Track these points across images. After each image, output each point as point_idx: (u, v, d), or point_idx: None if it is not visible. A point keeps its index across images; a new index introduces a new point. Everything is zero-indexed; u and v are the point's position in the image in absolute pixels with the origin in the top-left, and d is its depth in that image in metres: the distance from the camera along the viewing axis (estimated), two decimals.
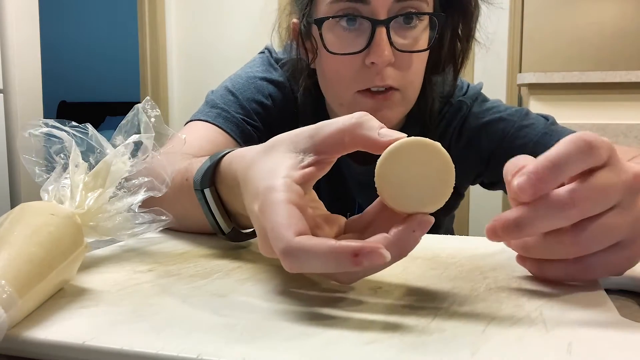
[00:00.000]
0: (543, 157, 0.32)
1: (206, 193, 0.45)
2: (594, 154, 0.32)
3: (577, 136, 0.32)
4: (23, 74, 1.69)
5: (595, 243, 0.34)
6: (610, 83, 1.91)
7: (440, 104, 0.79)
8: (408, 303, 0.32)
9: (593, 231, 0.33)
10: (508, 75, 2.30)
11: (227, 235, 0.46)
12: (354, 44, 0.65)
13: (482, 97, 0.81)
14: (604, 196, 0.33)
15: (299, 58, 0.74)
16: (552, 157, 0.32)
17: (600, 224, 0.33)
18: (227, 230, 0.46)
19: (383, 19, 0.63)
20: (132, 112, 0.44)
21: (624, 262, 0.35)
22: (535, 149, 0.74)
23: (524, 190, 0.31)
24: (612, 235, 0.34)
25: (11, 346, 0.27)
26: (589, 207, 0.32)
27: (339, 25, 0.66)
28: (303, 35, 0.70)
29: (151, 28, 2.77)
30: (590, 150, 0.32)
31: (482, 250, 0.46)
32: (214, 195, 0.45)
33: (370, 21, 0.63)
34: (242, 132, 0.74)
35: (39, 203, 0.35)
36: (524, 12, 2.29)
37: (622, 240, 0.34)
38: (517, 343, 0.26)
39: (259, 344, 0.26)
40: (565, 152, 0.32)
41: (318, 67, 0.72)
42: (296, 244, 0.29)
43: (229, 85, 0.78)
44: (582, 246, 0.34)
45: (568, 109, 1.97)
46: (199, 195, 0.46)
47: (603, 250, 0.34)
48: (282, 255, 0.29)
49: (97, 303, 0.32)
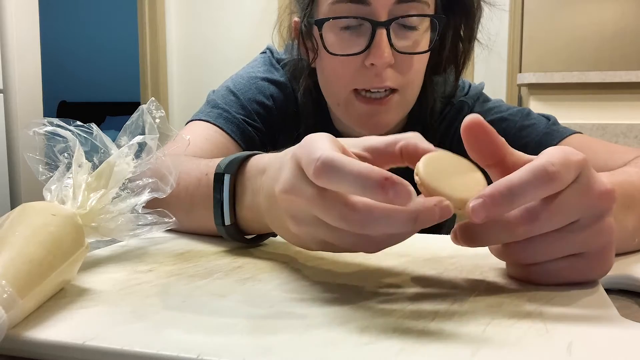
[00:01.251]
0: (502, 182, 0.32)
1: (225, 179, 0.45)
2: (553, 185, 0.32)
3: (539, 165, 0.32)
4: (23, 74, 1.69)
5: (541, 255, 0.34)
6: (610, 83, 1.91)
7: (441, 105, 0.79)
8: (408, 303, 0.32)
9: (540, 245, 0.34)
10: (508, 75, 2.30)
11: (226, 229, 0.46)
12: (354, 45, 0.65)
13: (483, 97, 0.81)
14: (560, 217, 0.33)
15: (299, 57, 0.74)
16: (510, 184, 0.32)
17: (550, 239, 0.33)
18: (228, 222, 0.45)
19: (384, 20, 0.63)
20: (136, 113, 0.44)
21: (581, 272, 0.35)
22: (537, 149, 0.73)
23: (477, 214, 0.31)
24: (561, 249, 0.34)
25: (12, 346, 0.27)
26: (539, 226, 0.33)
27: (340, 26, 0.66)
28: (304, 34, 0.70)
29: (151, 28, 2.77)
30: (550, 182, 0.32)
31: (482, 250, 0.46)
32: (231, 184, 0.45)
33: (371, 23, 0.63)
34: (243, 133, 0.74)
35: (40, 203, 0.35)
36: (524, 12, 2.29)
37: (579, 253, 0.34)
38: (517, 343, 0.26)
39: (259, 344, 0.26)
40: (524, 180, 0.32)
41: (318, 67, 0.73)
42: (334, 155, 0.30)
43: (231, 85, 0.78)
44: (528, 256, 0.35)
45: (568, 109, 1.98)
46: (217, 179, 0.46)
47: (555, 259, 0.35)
48: (316, 166, 0.30)
49: (97, 303, 0.32)
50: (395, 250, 0.45)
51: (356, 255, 0.44)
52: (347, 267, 0.40)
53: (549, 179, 0.32)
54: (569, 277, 0.35)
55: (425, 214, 0.30)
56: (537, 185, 0.32)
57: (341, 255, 0.44)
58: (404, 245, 0.47)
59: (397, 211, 0.30)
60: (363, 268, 0.40)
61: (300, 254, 0.45)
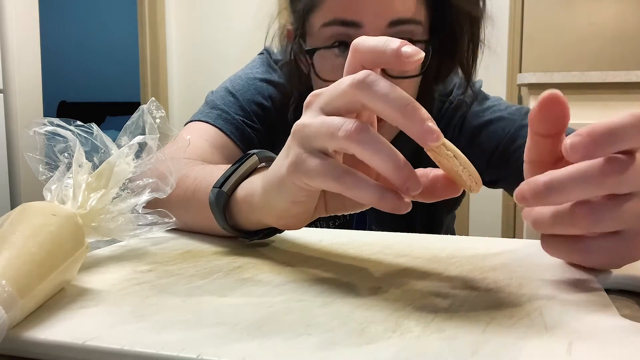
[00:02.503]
0: (600, 123, 0.31)
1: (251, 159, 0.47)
2: None
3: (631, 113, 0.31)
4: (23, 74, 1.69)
5: (603, 223, 0.33)
6: (610, 83, 1.91)
7: (439, 103, 0.79)
8: (408, 303, 0.32)
9: (607, 210, 0.33)
10: (508, 75, 2.30)
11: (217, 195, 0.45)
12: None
13: (482, 95, 0.81)
14: (635, 178, 0.32)
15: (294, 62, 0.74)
16: (610, 124, 0.31)
17: (615, 206, 0.33)
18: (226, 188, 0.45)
19: None
20: (137, 113, 0.44)
21: (621, 253, 0.35)
22: None
23: (576, 150, 0.30)
24: (620, 220, 0.33)
25: (12, 346, 0.27)
26: (620, 183, 0.32)
27: (331, 51, 0.65)
28: (296, 52, 0.70)
29: (151, 28, 2.77)
30: None
31: (482, 250, 0.46)
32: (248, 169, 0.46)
33: None
34: (242, 134, 0.74)
35: (40, 203, 0.35)
36: (524, 12, 2.29)
37: (624, 230, 0.34)
38: (517, 343, 0.26)
39: (259, 344, 0.26)
40: (625, 122, 0.31)
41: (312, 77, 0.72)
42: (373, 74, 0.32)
43: (229, 86, 0.79)
44: (590, 222, 0.33)
45: None
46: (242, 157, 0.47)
47: (603, 235, 0.34)
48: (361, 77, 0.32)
49: (97, 303, 0.32)
50: (395, 250, 0.46)
51: (356, 255, 0.44)
52: (347, 268, 0.40)
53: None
54: (609, 257, 0.35)
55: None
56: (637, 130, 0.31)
57: (341, 256, 0.44)
58: (404, 245, 0.47)
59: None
60: (363, 268, 0.40)
61: (300, 254, 0.45)
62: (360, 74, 0.32)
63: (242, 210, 0.45)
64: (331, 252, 0.45)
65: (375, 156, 0.32)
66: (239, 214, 0.45)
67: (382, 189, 0.32)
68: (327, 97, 0.35)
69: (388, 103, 0.31)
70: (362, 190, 0.33)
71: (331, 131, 0.33)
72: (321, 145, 0.34)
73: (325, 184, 0.34)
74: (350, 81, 0.33)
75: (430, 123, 0.31)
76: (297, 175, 0.35)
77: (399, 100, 0.31)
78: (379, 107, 0.32)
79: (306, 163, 0.34)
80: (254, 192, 0.42)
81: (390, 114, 0.31)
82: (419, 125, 0.31)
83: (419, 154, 0.37)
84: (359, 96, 0.32)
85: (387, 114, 0.32)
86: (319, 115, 0.35)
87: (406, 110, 0.31)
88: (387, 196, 0.32)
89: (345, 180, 0.33)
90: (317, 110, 0.35)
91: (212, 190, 0.46)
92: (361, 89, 0.32)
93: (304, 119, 0.36)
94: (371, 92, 0.32)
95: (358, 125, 0.32)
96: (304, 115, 0.36)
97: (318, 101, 0.35)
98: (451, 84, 0.80)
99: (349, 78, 0.33)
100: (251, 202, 0.43)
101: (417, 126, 0.31)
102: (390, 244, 0.48)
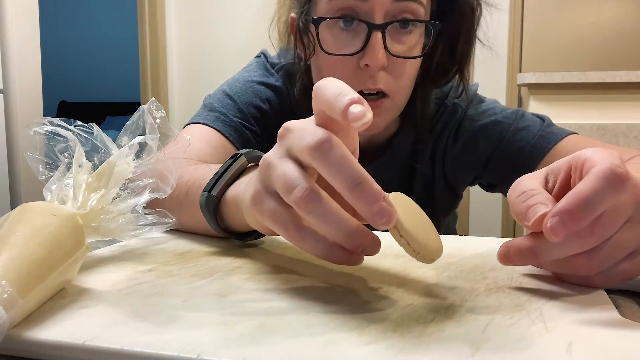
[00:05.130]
0: (575, 195, 0.31)
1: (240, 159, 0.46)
2: (625, 188, 0.31)
3: (608, 170, 0.31)
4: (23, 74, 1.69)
5: (609, 261, 0.34)
6: (610, 83, 1.91)
7: (435, 106, 0.79)
8: (408, 303, 0.32)
9: (607, 250, 0.33)
10: (508, 75, 2.30)
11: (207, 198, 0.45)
12: (349, 45, 0.65)
13: (478, 98, 0.81)
14: (619, 219, 0.33)
15: (296, 53, 0.75)
16: (584, 194, 0.31)
17: (613, 242, 0.33)
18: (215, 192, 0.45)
19: (379, 21, 0.64)
20: (137, 113, 0.44)
21: (636, 269, 0.35)
22: (532, 152, 0.74)
23: (557, 233, 0.30)
24: (624, 250, 0.34)
25: (12, 346, 0.27)
26: (607, 232, 0.33)
27: (336, 25, 0.66)
28: (301, 31, 0.71)
29: (151, 28, 2.76)
30: (622, 185, 0.31)
31: (482, 250, 0.46)
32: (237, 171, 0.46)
33: (367, 24, 0.63)
34: (241, 136, 0.74)
35: (40, 203, 0.35)
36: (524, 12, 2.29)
37: (634, 250, 0.34)
38: (517, 343, 0.26)
39: (259, 344, 0.26)
40: (598, 187, 0.31)
41: (313, 65, 0.73)
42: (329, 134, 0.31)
43: (227, 89, 0.79)
44: (596, 266, 0.34)
45: (568, 109, 1.97)
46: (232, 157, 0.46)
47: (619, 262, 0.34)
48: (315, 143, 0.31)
49: (97, 303, 0.32)
50: (395, 251, 0.46)
51: None
52: (346, 268, 0.40)
53: (621, 183, 0.31)
54: (632, 275, 0.35)
55: None
56: (611, 192, 0.31)
57: None
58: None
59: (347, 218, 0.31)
60: (363, 268, 0.40)
61: (300, 255, 0.45)
62: (317, 136, 0.31)
63: (232, 212, 0.45)
64: None
65: (323, 225, 0.31)
66: (229, 216, 0.46)
67: (329, 245, 0.32)
68: (293, 142, 0.34)
69: (337, 178, 0.30)
70: (308, 244, 0.33)
71: (286, 187, 0.32)
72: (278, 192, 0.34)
73: (275, 229, 0.34)
74: (308, 141, 0.31)
75: (383, 203, 0.29)
76: (255, 210, 0.36)
77: (350, 177, 0.30)
78: (329, 179, 0.31)
79: (262, 203, 0.35)
80: (241, 196, 0.42)
81: (340, 189, 0.30)
82: (367, 206, 0.29)
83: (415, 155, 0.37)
84: (312, 161, 0.31)
85: (337, 187, 0.31)
86: (282, 158, 0.34)
87: (355, 189, 0.30)
88: (335, 252, 0.32)
89: (292, 233, 0.33)
90: (283, 152, 0.34)
91: (202, 193, 0.46)
92: (313, 157, 0.31)
93: (272, 154, 0.35)
94: (322, 162, 0.31)
95: (308, 195, 0.31)
96: (273, 148, 0.36)
97: (286, 141, 0.34)
98: (447, 88, 0.80)
99: (310, 134, 0.32)
100: (239, 205, 0.43)
101: (366, 207, 0.29)
102: (390, 244, 0.48)
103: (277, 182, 0.33)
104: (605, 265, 0.34)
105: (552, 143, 0.73)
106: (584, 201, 0.31)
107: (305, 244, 0.33)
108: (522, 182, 0.37)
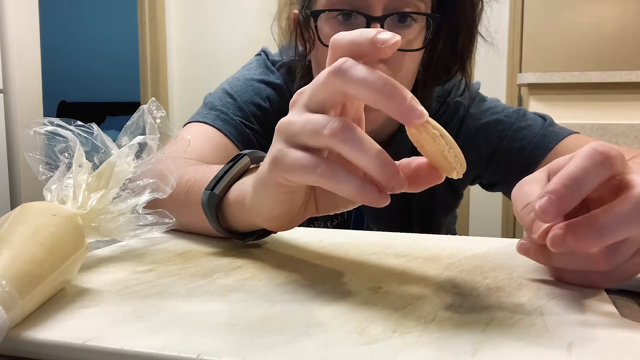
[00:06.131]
0: (561, 175, 0.31)
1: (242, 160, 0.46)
2: (611, 165, 0.32)
3: (592, 149, 0.32)
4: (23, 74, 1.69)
5: (624, 257, 0.34)
6: (610, 83, 1.91)
7: (437, 104, 0.79)
8: (408, 303, 0.32)
9: (624, 247, 0.33)
10: (508, 75, 2.30)
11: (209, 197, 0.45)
12: None
13: (479, 97, 0.81)
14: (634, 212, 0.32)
15: (296, 49, 0.75)
16: (570, 173, 0.31)
17: (632, 239, 0.33)
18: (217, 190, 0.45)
19: (378, 15, 0.63)
20: (137, 113, 0.44)
21: (637, 268, 0.35)
22: (534, 151, 0.74)
23: (547, 212, 0.31)
24: (636, 245, 0.34)
25: (12, 346, 0.27)
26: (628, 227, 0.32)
27: (335, 19, 0.66)
28: (302, 25, 0.71)
29: (151, 28, 2.76)
30: (607, 162, 0.31)
31: (482, 250, 0.46)
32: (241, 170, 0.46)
33: (365, 17, 0.63)
34: (241, 135, 0.74)
35: (41, 203, 0.35)
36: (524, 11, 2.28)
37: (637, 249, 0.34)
38: (517, 343, 0.26)
39: (259, 344, 0.26)
40: (583, 167, 0.31)
41: (313, 59, 0.73)
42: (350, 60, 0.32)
43: (227, 88, 0.79)
44: (613, 261, 0.34)
45: (568, 109, 1.98)
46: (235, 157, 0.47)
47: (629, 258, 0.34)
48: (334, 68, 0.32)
49: (97, 303, 0.32)
50: (395, 250, 0.46)
51: (356, 255, 0.44)
52: (347, 268, 0.40)
53: (606, 159, 0.31)
54: (633, 274, 0.35)
55: None
56: (597, 169, 0.31)
57: (341, 256, 0.44)
58: (404, 245, 0.47)
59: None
60: (363, 268, 0.40)
61: (301, 255, 0.45)
62: (337, 62, 0.32)
63: (234, 212, 0.45)
64: (331, 252, 0.45)
65: (361, 155, 0.31)
66: (231, 215, 0.45)
67: (362, 181, 0.32)
68: (309, 92, 0.34)
69: (366, 85, 0.31)
70: (341, 182, 0.32)
71: (316, 128, 0.32)
72: (305, 142, 0.34)
73: (305, 177, 0.34)
74: (328, 70, 0.32)
75: (413, 101, 0.30)
76: (278, 170, 0.35)
77: (378, 81, 0.31)
78: (358, 90, 0.31)
79: (287, 157, 0.34)
80: (244, 194, 0.42)
81: (370, 96, 0.31)
82: (400, 103, 0.30)
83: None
84: (338, 83, 0.32)
85: (367, 96, 0.31)
86: (303, 113, 0.34)
87: (385, 89, 0.30)
88: (367, 189, 0.32)
89: (325, 172, 0.32)
90: (302, 108, 0.35)
91: (204, 192, 0.46)
92: (339, 76, 0.32)
93: (289, 116, 0.35)
94: (348, 77, 0.31)
95: (344, 124, 0.32)
96: (289, 113, 0.36)
97: (302, 99, 0.35)
98: (449, 85, 0.80)
99: (327, 68, 0.33)
100: (242, 204, 0.43)
101: (399, 105, 0.30)
102: (391, 244, 0.48)
103: (304, 130, 0.33)
104: (619, 261, 0.34)
105: (554, 142, 0.73)
106: (570, 180, 0.31)
107: (339, 181, 0.32)
108: (524, 188, 0.37)
